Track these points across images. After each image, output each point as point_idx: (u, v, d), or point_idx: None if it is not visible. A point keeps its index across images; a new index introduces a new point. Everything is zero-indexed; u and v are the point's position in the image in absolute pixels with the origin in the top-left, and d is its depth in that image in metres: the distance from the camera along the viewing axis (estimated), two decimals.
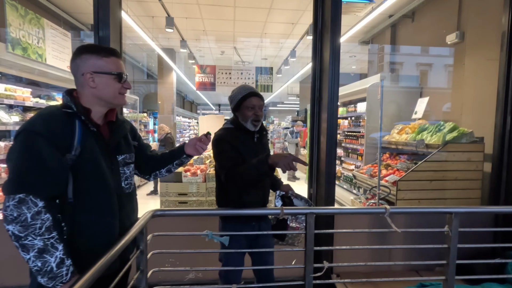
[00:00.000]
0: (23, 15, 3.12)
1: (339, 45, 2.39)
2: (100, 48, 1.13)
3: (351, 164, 5.09)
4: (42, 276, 0.95)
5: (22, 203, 0.92)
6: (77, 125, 1.06)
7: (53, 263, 0.95)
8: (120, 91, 1.16)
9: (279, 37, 6.43)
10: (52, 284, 0.96)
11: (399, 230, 1.60)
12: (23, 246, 0.93)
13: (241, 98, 1.66)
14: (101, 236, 1.11)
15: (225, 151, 1.59)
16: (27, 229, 0.93)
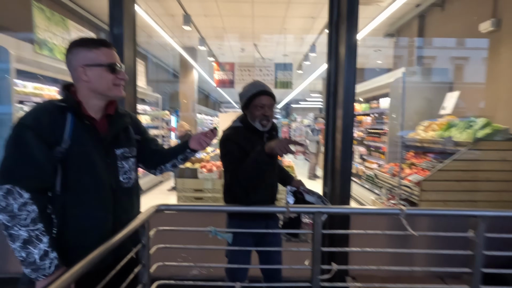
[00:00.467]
0: (49, 17, 3.29)
1: (356, 38, 2.26)
2: (89, 40, 1.11)
3: (373, 162, 4.87)
4: (26, 267, 0.97)
5: (9, 194, 0.95)
6: (69, 119, 1.06)
7: (36, 255, 0.96)
8: (114, 82, 1.13)
9: (300, 32, 6.28)
10: (34, 275, 0.97)
11: (416, 233, 1.47)
12: (10, 235, 0.95)
13: (251, 96, 1.59)
14: (91, 230, 1.10)
15: (231, 152, 1.54)
16: (13, 219, 0.94)
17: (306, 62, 6.81)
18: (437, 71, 4.30)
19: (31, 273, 0.97)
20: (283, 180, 1.85)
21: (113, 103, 1.21)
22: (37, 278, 0.98)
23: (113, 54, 1.14)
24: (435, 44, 4.84)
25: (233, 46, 7.54)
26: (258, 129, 1.62)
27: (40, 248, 0.97)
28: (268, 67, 5.82)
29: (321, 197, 1.75)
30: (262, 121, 1.59)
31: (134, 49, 2.44)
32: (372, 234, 1.55)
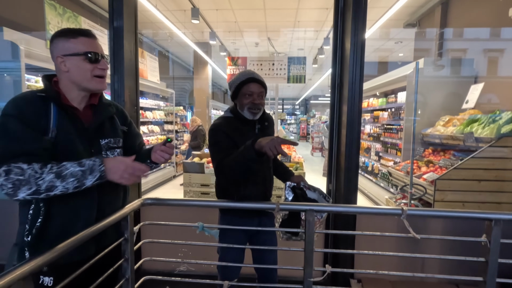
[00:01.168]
0: (61, 13, 3.37)
1: (363, 28, 2.11)
2: (68, 30, 1.09)
3: (389, 160, 4.63)
4: (86, 179, 0.99)
5: (9, 173, 0.93)
6: (52, 108, 1.05)
7: (76, 168, 0.98)
8: (94, 73, 1.09)
9: (314, 24, 6.08)
10: (98, 172, 1.00)
11: (418, 236, 1.34)
12: (48, 190, 0.96)
13: (239, 84, 1.53)
14: (75, 220, 1.09)
15: (218, 142, 1.48)
16: (29, 182, 0.94)
17: (321, 56, 6.59)
18: (461, 63, 3.99)
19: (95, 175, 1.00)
20: (281, 175, 1.76)
21: (97, 94, 1.19)
22: (102, 172, 1.00)
23: (92, 43, 1.10)
24: (459, 33, 4.49)
25: (247, 41, 7.46)
26: (248, 118, 1.54)
27: (70, 165, 0.98)
28: (281, 61, 5.66)
29: (323, 194, 1.65)
30: (252, 110, 1.51)
31: (136, 42, 2.43)
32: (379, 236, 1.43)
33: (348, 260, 2.09)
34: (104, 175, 1.01)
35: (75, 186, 0.99)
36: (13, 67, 2.80)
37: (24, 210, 1.07)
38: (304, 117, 20.61)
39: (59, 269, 1.06)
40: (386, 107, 4.93)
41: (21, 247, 1.06)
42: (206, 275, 2.39)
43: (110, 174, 1.02)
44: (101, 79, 1.13)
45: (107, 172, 1.02)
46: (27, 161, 0.96)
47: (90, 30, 1.12)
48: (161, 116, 6.19)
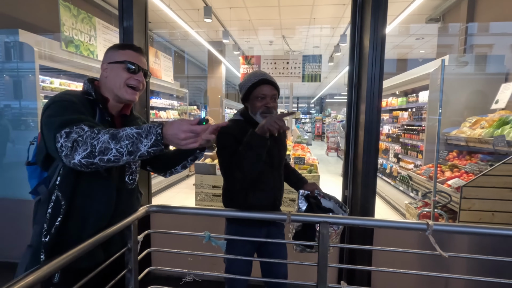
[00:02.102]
0: (75, 15, 3.39)
1: (383, 23, 1.97)
2: (121, 44, 1.19)
3: (409, 162, 4.41)
4: (141, 143, 0.90)
5: (70, 134, 0.91)
6: (98, 112, 1.10)
7: (132, 130, 0.91)
8: (127, 82, 1.12)
9: (330, 21, 5.89)
10: (154, 135, 0.90)
11: (445, 254, 1.20)
12: (102, 152, 0.89)
13: (251, 86, 1.44)
14: (90, 224, 1.08)
15: (227, 147, 1.40)
16: (85, 142, 0.89)
17: (337, 54, 6.39)
18: (490, 59, 3.71)
19: (151, 138, 0.90)
20: (294, 183, 1.67)
21: (129, 104, 1.22)
22: (159, 135, 0.90)
23: (136, 57, 1.14)
24: (486, 28, 4.19)
25: (262, 39, 7.35)
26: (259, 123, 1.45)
27: (127, 128, 0.92)
28: (295, 59, 5.52)
29: (339, 203, 1.54)
30: (265, 114, 1.42)
31: (146, 42, 2.39)
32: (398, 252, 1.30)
33: (364, 277, 1.96)
34: (161, 138, 0.90)
35: (129, 150, 0.89)
36: (27, 68, 2.84)
37: (42, 208, 1.04)
38: (319, 116, 20.28)
39: (69, 278, 1.03)
40: (407, 106, 4.70)
41: (36, 249, 1.02)
42: (214, 281, 2.34)
43: (166, 137, 0.91)
44: (133, 90, 1.15)
45: (164, 136, 0.91)
46: (89, 125, 0.95)
47: (140, 47, 1.18)
48: (175, 116, 6.21)
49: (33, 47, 2.80)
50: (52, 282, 1.04)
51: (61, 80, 3.31)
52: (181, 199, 4.84)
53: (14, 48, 2.88)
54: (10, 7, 3.29)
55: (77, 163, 0.90)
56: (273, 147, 1.49)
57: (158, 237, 2.34)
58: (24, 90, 2.88)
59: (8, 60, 2.91)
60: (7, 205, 2.72)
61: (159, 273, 1.46)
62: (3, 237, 2.72)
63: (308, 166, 3.68)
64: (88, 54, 3.60)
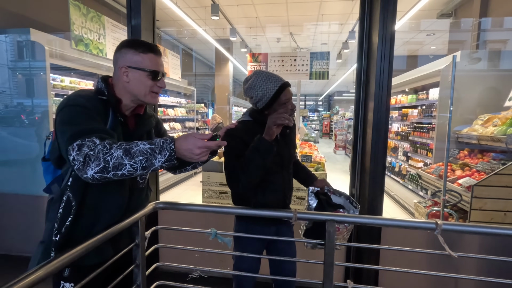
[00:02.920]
0: (85, 13, 3.44)
1: (392, 18, 1.94)
2: (139, 43, 1.10)
3: (419, 161, 4.34)
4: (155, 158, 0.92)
5: (82, 147, 0.91)
6: (110, 113, 1.08)
7: (146, 146, 0.93)
8: (152, 89, 1.12)
9: (338, 17, 5.82)
10: (168, 151, 0.93)
11: (455, 254, 1.18)
12: (116, 168, 0.90)
13: (275, 93, 1.37)
14: (101, 223, 1.10)
15: (234, 148, 1.38)
16: (98, 157, 0.90)
17: (346, 50, 6.32)
18: (504, 55, 3.61)
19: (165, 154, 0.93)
20: (304, 180, 1.67)
21: (143, 104, 1.21)
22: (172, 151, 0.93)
23: (158, 61, 1.13)
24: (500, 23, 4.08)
25: (269, 36, 7.31)
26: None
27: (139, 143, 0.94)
28: (303, 56, 5.48)
29: (350, 198, 1.53)
30: (290, 116, 1.43)
31: (154, 40, 2.41)
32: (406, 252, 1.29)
33: (371, 276, 1.94)
34: (174, 154, 0.93)
35: (143, 165, 0.92)
36: (39, 67, 2.89)
37: (54, 207, 1.07)
38: (327, 113, 20.11)
39: (79, 273, 1.06)
40: (416, 104, 4.62)
41: (47, 246, 1.05)
42: (221, 278, 2.36)
43: (180, 152, 0.94)
44: (156, 94, 1.16)
45: (178, 150, 0.94)
46: (100, 137, 0.95)
47: (157, 47, 1.15)
48: (182, 114, 6.25)
49: (44, 46, 2.85)
50: (62, 276, 1.07)
51: (71, 78, 3.36)
52: (189, 196, 4.89)
53: (26, 47, 2.94)
54: (21, 6, 3.36)
55: (89, 177, 0.91)
56: (283, 147, 1.49)
57: (165, 233, 2.37)
58: (36, 88, 2.94)
59: (20, 59, 2.97)
60: (21, 201, 2.79)
61: (166, 268, 1.48)
62: (18, 232, 2.80)
63: (315, 164, 3.66)
64: (97, 52, 3.64)
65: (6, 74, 2.99)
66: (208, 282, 2.30)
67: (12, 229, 2.82)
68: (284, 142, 1.51)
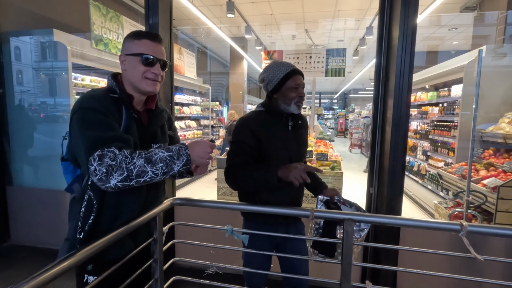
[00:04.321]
0: (104, 14, 3.52)
1: (414, 13, 1.87)
2: (137, 32, 1.11)
3: (439, 160, 4.19)
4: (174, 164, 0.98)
5: (103, 158, 0.92)
6: (124, 111, 1.08)
7: (164, 153, 0.98)
8: (146, 75, 1.10)
9: (355, 13, 5.69)
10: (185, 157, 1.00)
11: (481, 257, 1.13)
12: (139, 176, 0.94)
13: (284, 77, 1.39)
14: (122, 219, 1.11)
15: (240, 142, 1.38)
16: (121, 167, 0.92)
17: (363, 47, 6.17)
18: None
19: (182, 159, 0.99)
20: (313, 187, 1.59)
21: (154, 98, 1.21)
22: (188, 156, 1.00)
23: (153, 47, 1.10)
24: None
25: (284, 34, 7.26)
26: (282, 114, 1.44)
27: (158, 151, 0.99)
28: (319, 53, 5.40)
29: (361, 209, 1.47)
30: (299, 103, 1.42)
31: (171, 38, 2.44)
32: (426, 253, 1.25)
33: (389, 277, 1.89)
34: (190, 159, 1.01)
35: (164, 171, 0.98)
36: (61, 66, 2.99)
37: (76, 206, 1.10)
38: (343, 111, 19.77)
39: (102, 267, 1.09)
40: (437, 101, 4.46)
41: (72, 243, 1.09)
42: (236, 275, 2.37)
43: (194, 157, 1.02)
44: (152, 82, 1.13)
45: (192, 155, 1.01)
46: (118, 147, 0.96)
47: (157, 34, 1.14)
48: (197, 112, 6.32)
49: (67, 46, 2.95)
50: (86, 269, 1.11)
51: (92, 77, 3.46)
52: (203, 193, 4.94)
53: (49, 47, 3.05)
54: (45, 8, 3.48)
55: (112, 186, 0.93)
56: (291, 142, 1.45)
57: (180, 229, 2.40)
58: (58, 87, 3.05)
59: (44, 59, 3.09)
60: (47, 196, 2.92)
61: (183, 264, 1.50)
62: (44, 225, 2.92)
63: (331, 163, 3.61)
64: (116, 51, 3.73)
65: (30, 74, 3.11)
66: (223, 278, 2.31)
67: (39, 222, 2.94)
68: (295, 135, 1.48)
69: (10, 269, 2.55)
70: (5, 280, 2.38)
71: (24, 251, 2.88)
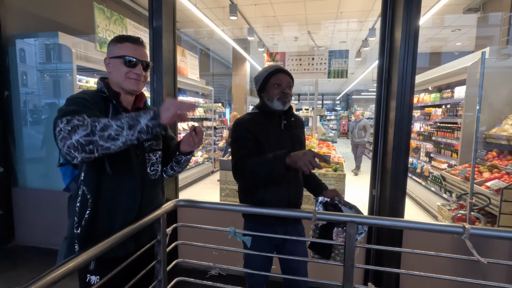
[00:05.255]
0: (109, 17, 3.56)
1: (417, 14, 1.87)
2: (119, 36, 1.17)
3: (442, 162, 4.18)
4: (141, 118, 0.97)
5: (71, 120, 0.94)
6: (111, 108, 1.14)
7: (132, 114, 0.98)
8: (129, 76, 1.15)
9: (358, 15, 5.69)
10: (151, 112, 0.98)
11: (484, 260, 1.13)
12: (102, 129, 0.93)
13: (267, 75, 1.47)
14: (118, 216, 1.13)
15: (240, 138, 1.41)
16: (86, 126, 0.92)
17: (365, 48, 6.17)
18: None
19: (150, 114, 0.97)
20: (313, 188, 1.59)
21: (142, 98, 1.25)
22: (156, 111, 0.98)
23: (135, 49, 1.15)
24: None
25: (286, 35, 7.27)
26: (274, 112, 1.47)
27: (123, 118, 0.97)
28: (321, 55, 5.40)
29: (359, 212, 1.46)
30: (282, 99, 1.44)
31: (174, 41, 2.45)
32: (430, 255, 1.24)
33: (392, 280, 1.89)
34: (159, 113, 0.98)
35: (129, 124, 0.95)
36: (66, 68, 3.02)
37: (72, 203, 1.13)
38: (345, 113, 19.74)
39: (104, 266, 1.11)
40: (440, 103, 4.45)
41: (71, 240, 1.12)
42: (239, 276, 2.38)
43: (162, 112, 0.99)
44: (135, 81, 1.17)
45: (161, 110, 0.99)
46: (89, 115, 0.98)
47: (139, 38, 1.18)
48: (200, 113, 6.34)
49: (71, 48, 2.98)
50: (88, 269, 1.12)
51: (96, 79, 3.49)
52: (206, 195, 4.95)
53: (53, 50, 3.09)
54: (50, 11, 3.52)
55: (74, 142, 0.91)
56: (285, 141, 1.46)
57: (183, 230, 2.41)
58: (63, 89, 3.08)
59: (48, 61, 3.12)
60: (50, 196, 2.94)
61: (186, 265, 1.51)
62: (47, 225, 2.95)
63: (334, 165, 3.60)
64: None
65: (35, 76, 3.14)
66: (226, 279, 2.32)
67: (43, 223, 2.97)
68: (289, 134, 1.49)
69: (15, 269, 2.58)
70: (9, 280, 2.41)
71: (29, 251, 2.90)
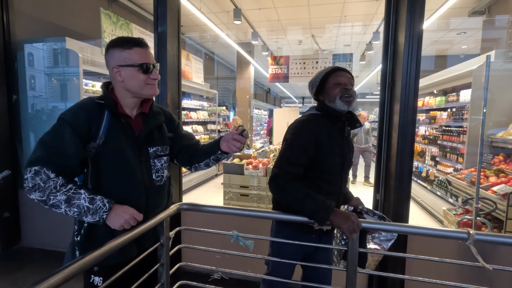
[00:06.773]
0: (115, 22, 3.61)
1: (420, 17, 1.87)
2: (124, 40, 1.11)
3: (448, 166, 4.13)
4: (86, 216, 1.04)
5: (37, 175, 1.00)
6: (106, 116, 1.10)
7: (85, 203, 1.03)
8: (147, 82, 1.13)
9: (362, 18, 5.69)
10: (98, 217, 1.04)
11: (489, 266, 1.11)
12: (53, 205, 1.02)
13: (324, 76, 1.38)
14: None
15: (298, 147, 1.28)
16: (44, 191, 1.01)
17: (369, 52, 6.16)
18: None
19: (94, 218, 1.04)
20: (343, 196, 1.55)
21: (148, 101, 1.22)
22: (102, 219, 1.05)
23: (146, 54, 1.13)
24: None
25: (290, 39, 7.29)
26: (340, 111, 1.35)
27: (84, 197, 1.04)
28: (325, 58, 5.41)
29: (384, 218, 1.46)
30: (346, 97, 1.32)
31: (179, 46, 2.48)
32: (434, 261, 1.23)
33: (397, 285, 1.87)
34: (103, 221, 1.05)
35: (74, 216, 1.05)
36: (73, 73, 3.08)
37: None
38: None
39: (107, 270, 1.12)
40: (446, 106, 4.41)
41: (72, 246, 1.14)
42: (242, 280, 2.37)
43: (110, 221, 1.06)
44: (152, 86, 1.16)
45: (109, 219, 1.06)
46: (57, 171, 1.02)
47: (143, 40, 1.14)
48: (204, 116, 6.37)
49: (78, 53, 3.03)
50: (92, 270, 1.14)
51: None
52: (209, 198, 4.96)
53: (61, 54, 3.14)
54: (58, 17, 3.59)
55: (32, 197, 1.02)
56: (346, 148, 1.41)
57: (186, 234, 2.42)
58: (70, 93, 3.13)
59: (56, 66, 3.18)
60: None
61: (188, 269, 1.51)
62: (53, 228, 2.98)
63: None
64: None
65: (43, 80, 3.20)
66: (229, 284, 2.32)
67: (50, 225, 3.00)
68: (348, 144, 1.43)
69: (21, 271, 2.61)
70: (16, 281, 2.43)
71: (35, 253, 2.93)
